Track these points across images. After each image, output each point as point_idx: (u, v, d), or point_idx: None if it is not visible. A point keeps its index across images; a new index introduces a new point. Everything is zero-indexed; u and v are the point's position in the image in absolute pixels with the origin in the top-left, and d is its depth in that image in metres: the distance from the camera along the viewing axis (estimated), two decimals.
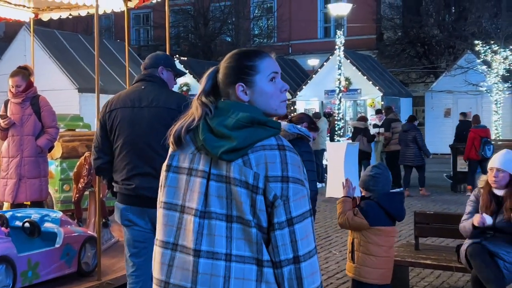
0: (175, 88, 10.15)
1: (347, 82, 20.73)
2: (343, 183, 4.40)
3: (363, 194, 4.32)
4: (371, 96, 21.38)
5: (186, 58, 24.89)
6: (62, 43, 15.51)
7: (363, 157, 13.49)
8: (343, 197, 4.31)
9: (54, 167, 7.48)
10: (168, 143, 1.82)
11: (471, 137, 12.45)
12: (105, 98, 14.56)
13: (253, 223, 1.68)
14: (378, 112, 15.69)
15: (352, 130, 14.29)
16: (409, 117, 13.39)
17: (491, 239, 4.52)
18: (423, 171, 12.99)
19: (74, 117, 8.78)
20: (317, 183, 5.32)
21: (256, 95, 1.79)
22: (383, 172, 4.26)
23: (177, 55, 25.06)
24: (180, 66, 23.56)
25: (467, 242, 4.62)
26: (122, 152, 3.61)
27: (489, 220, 4.44)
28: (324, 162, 14.13)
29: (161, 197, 1.82)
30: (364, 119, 14.27)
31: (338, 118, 13.84)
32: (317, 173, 13.27)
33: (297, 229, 1.67)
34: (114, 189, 3.71)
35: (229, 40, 31.94)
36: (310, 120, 4.40)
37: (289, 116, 4.27)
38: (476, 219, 4.48)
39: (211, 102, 1.79)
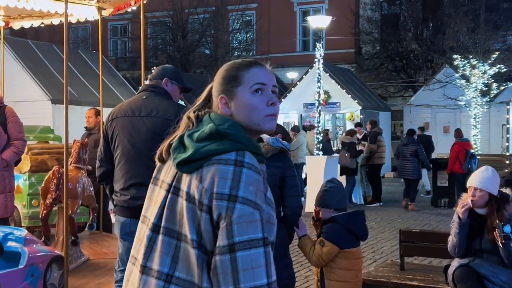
0: None
1: (326, 96, 20.70)
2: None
3: (320, 216, 4.16)
4: (350, 109, 21.35)
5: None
6: (35, 54, 15.19)
7: (347, 173, 13.17)
8: (300, 237, 4.11)
9: (22, 181, 7.29)
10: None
11: (456, 150, 12.41)
12: (79, 110, 14.23)
13: (196, 244, 1.58)
14: (358, 125, 15.60)
15: (340, 144, 14.07)
16: (409, 131, 13.44)
17: (478, 261, 4.34)
18: (416, 185, 12.94)
19: (44, 129, 8.51)
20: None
21: (236, 108, 1.70)
22: (337, 186, 4.17)
23: (154, 67, 24.70)
24: None
25: (454, 264, 4.43)
26: (121, 161, 3.66)
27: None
28: (303, 175, 13.96)
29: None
30: (351, 133, 13.96)
31: (318, 131, 13.71)
32: None
33: (239, 257, 1.50)
34: (114, 202, 3.73)
35: (208, 52, 31.81)
36: (283, 131, 4.22)
37: None
38: (460, 210, 4.31)
39: (197, 116, 1.73)
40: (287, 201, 3.84)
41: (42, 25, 8.26)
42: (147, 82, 4.06)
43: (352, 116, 21.35)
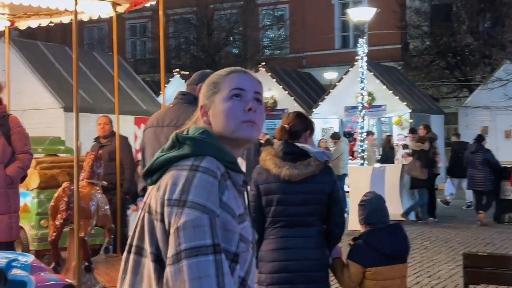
0: None
1: (370, 98, 20.53)
2: None
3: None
4: (398, 112, 21.11)
5: (188, 73, 24.68)
6: (46, 56, 15.29)
7: (418, 185, 12.74)
8: (333, 259, 4.13)
9: (30, 199, 7.36)
10: None
11: None
12: (93, 118, 14.21)
13: (153, 257, 1.66)
14: (412, 131, 15.13)
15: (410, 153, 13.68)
16: (478, 137, 13.23)
17: None
18: (493, 196, 12.62)
19: (54, 140, 8.60)
20: None
21: (213, 115, 1.78)
22: (370, 199, 4.25)
23: (177, 70, 24.87)
24: (180, 82, 23.36)
25: None
26: None
27: None
28: (346, 188, 13.84)
29: None
30: (422, 139, 13.25)
31: (361, 138, 13.52)
32: None
33: (186, 265, 1.55)
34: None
35: (236, 51, 31.86)
36: (311, 127, 4.12)
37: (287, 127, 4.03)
38: None
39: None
40: (334, 217, 3.90)
41: (51, 24, 8.25)
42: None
43: (400, 120, 21.14)
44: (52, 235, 5.95)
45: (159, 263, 1.64)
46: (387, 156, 13.25)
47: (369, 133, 15.55)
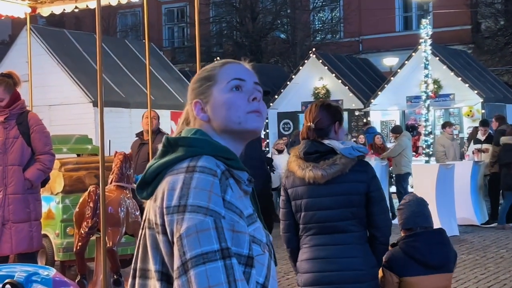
0: None
1: (436, 86, 20.22)
2: None
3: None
4: (468, 102, 20.74)
5: None
6: (74, 46, 15.44)
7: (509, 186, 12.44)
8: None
9: (54, 204, 7.42)
10: None
11: None
12: (126, 114, 14.33)
13: (159, 275, 1.67)
14: (484, 124, 14.74)
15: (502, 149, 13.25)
16: None
17: None
18: None
19: (80, 138, 8.70)
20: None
21: (213, 109, 1.80)
22: (408, 203, 4.32)
23: (217, 58, 24.86)
24: None
25: None
26: None
27: None
28: (410, 189, 13.64)
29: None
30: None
31: (426, 132, 13.22)
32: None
33: (194, 275, 1.55)
34: None
35: (284, 36, 31.73)
36: (340, 116, 4.03)
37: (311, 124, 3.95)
38: None
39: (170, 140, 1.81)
40: (374, 220, 3.86)
41: (76, 10, 8.27)
42: None
43: (471, 111, 20.76)
44: (78, 245, 6.01)
45: (167, 281, 1.65)
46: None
47: (447, 124, 15.12)
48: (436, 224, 10.29)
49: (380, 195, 3.89)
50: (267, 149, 18.60)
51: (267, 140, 20.87)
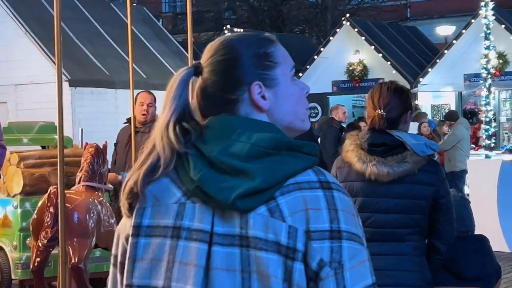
0: None
1: (501, 61, 20.10)
2: None
3: None
4: None
5: (242, 31, 24.57)
6: (46, 12, 15.33)
7: None
8: None
9: (11, 209, 7.44)
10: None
11: None
12: (111, 95, 14.33)
13: None
14: None
15: None
16: None
17: None
18: None
19: (45, 126, 8.57)
20: None
21: (280, 98, 1.87)
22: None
23: (228, 26, 24.86)
24: None
25: None
26: None
27: None
28: (466, 190, 13.69)
29: (126, 278, 1.82)
30: None
31: (487, 119, 13.04)
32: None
33: None
34: None
35: (310, 1, 31.47)
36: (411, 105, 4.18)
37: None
38: None
39: (193, 125, 1.83)
40: (439, 230, 3.99)
41: None
42: None
43: None
44: (35, 260, 5.95)
45: None
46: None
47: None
48: (499, 238, 10.19)
49: (449, 202, 3.99)
50: None
51: None
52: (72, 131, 12.78)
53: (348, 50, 23.19)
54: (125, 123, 8.39)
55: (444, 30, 28.08)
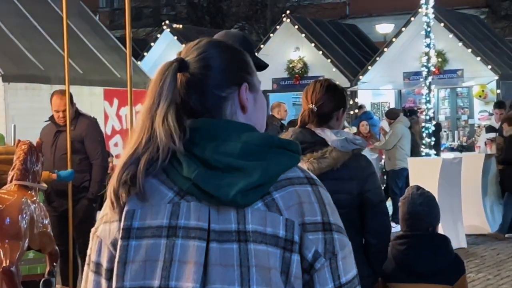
0: None
1: (440, 59, 20.25)
2: None
3: None
4: (480, 80, 21.07)
5: (181, 27, 24.48)
6: None
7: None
8: None
9: None
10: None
11: None
12: (46, 91, 14.02)
13: None
14: (499, 105, 14.78)
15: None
16: None
17: None
18: None
19: None
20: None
21: (257, 105, 2.00)
22: (404, 200, 4.61)
23: (167, 21, 24.73)
24: (172, 39, 23.18)
25: None
26: None
27: None
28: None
29: (116, 282, 1.84)
30: None
31: (427, 117, 13.14)
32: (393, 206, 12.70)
33: None
34: None
35: None
36: (345, 102, 4.29)
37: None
38: None
39: (186, 124, 1.88)
40: (369, 224, 4.10)
41: None
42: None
43: (483, 91, 21.03)
44: None
45: None
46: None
47: (500, 104, 15.03)
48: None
49: (376, 196, 4.13)
50: None
51: None
52: (6, 128, 12.51)
53: (288, 47, 23.27)
54: (46, 121, 8.27)
55: (383, 28, 28.47)
